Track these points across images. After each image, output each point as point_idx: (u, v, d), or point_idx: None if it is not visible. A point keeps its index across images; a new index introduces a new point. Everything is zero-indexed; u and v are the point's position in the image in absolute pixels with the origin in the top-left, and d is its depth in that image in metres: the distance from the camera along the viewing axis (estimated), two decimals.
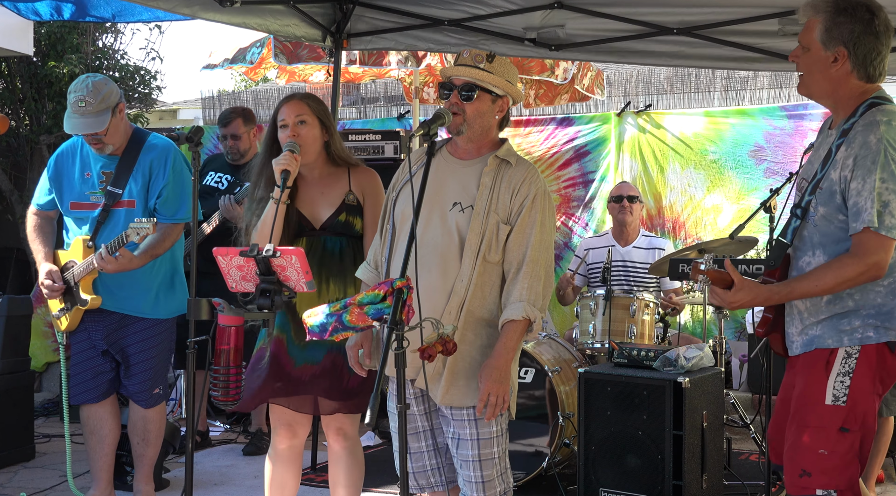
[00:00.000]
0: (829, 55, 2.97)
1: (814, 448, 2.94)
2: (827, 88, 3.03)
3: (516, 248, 3.14)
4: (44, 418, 6.60)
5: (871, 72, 2.98)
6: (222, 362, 3.27)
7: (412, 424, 3.24)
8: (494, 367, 3.06)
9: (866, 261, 2.85)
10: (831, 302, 2.96)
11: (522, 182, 3.18)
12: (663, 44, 5.49)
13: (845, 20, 2.94)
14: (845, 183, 2.90)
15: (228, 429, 6.43)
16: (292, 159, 3.52)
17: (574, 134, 8.12)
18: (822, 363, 2.96)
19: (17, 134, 9.01)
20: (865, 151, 2.86)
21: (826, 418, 2.93)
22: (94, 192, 4.39)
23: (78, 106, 4.23)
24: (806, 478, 2.95)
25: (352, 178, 3.74)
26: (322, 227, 3.68)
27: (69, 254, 4.40)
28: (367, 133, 6.62)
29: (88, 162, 4.42)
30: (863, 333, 2.92)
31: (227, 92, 10.34)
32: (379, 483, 5.13)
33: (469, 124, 3.20)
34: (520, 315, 3.08)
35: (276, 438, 3.75)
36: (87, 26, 8.90)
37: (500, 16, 5.40)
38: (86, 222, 4.39)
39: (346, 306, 2.76)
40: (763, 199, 5.10)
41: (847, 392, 2.91)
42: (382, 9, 5.61)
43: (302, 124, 3.65)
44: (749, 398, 6.67)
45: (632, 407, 4.40)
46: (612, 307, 5.38)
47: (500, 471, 3.19)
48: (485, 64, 3.19)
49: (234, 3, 4.84)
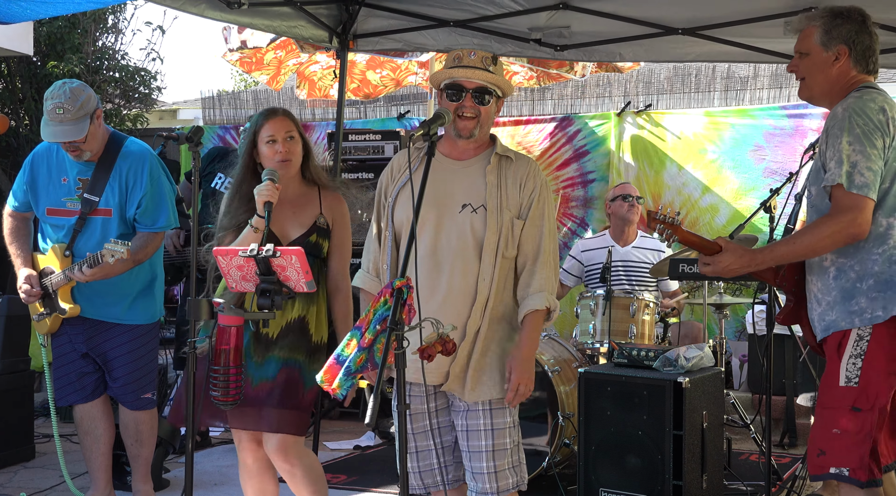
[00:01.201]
0: (830, 55, 3.17)
1: (828, 428, 3.08)
2: (825, 87, 3.22)
3: (530, 240, 3.22)
4: (44, 418, 6.59)
5: (870, 66, 3.20)
6: (222, 362, 3.26)
7: (420, 423, 3.25)
8: (524, 358, 3.15)
9: (839, 219, 3.00)
10: (837, 276, 3.09)
11: (527, 176, 3.25)
12: (668, 43, 5.50)
13: (842, 22, 3.17)
14: (823, 156, 3.09)
15: (228, 429, 6.42)
16: (274, 190, 3.47)
17: (573, 133, 8.12)
18: (835, 347, 3.10)
19: (17, 134, 9.02)
20: (833, 121, 3.07)
21: (839, 399, 3.06)
22: (70, 199, 4.33)
23: (56, 113, 4.11)
24: (822, 457, 3.08)
25: (322, 201, 3.71)
26: (290, 244, 3.61)
27: (47, 260, 4.37)
28: (367, 133, 6.62)
29: (64, 167, 4.35)
30: (872, 313, 3.03)
31: (227, 92, 10.34)
32: (379, 483, 5.13)
33: (482, 127, 3.25)
34: (543, 305, 3.16)
35: (242, 454, 3.70)
36: (88, 26, 8.91)
37: (505, 16, 5.41)
38: (62, 229, 4.34)
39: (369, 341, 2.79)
40: (763, 199, 5.10)
41: (859, 373, 3.03)
42: (388, 9, 5.61)
43: (291, 140, 3.64)
44: (749, 398, 6.66)
45: (632, 407, 4.40)
46: (612, 307, 5.38)
47: (513, 462, 3.21)
48: (492, 66, 3.25)
49: (241, 4, 4.85)
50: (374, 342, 2.80)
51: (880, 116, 3.02)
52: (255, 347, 3.57)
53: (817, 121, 7.25)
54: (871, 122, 3.01)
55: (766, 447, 4.41)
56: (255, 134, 3.65)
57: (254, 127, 3.66)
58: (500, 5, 5.30)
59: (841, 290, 3.08)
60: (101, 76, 9.09)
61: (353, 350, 2.83)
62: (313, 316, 3.63)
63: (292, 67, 7.64)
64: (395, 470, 3.35)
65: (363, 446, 6.03)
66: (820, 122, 7.21)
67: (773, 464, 4.77)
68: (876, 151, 2.99)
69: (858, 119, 3.01)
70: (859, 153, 2.99)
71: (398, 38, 5.84)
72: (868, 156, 2.98)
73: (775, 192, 5.07)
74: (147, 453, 4.55)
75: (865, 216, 2.99)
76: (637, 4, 5.16)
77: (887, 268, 3.04)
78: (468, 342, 3.18)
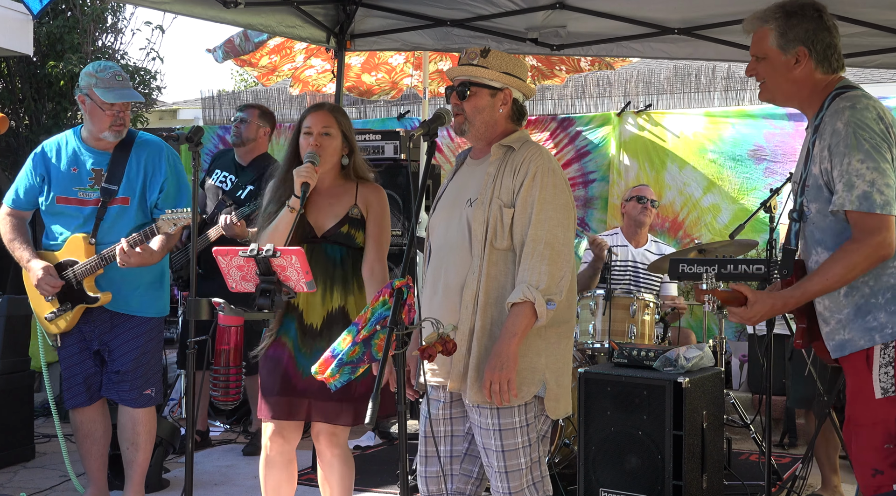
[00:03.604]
0: (789, 58, 3.01)
1: (878, 445, 2.91)
2: (790, 90, 3.06)
3: (519, 228, 3.06)
4: (44, 418, 6.59)
5: (834, 65, 3.03)
6: (222, 362, 3.27)
7: (436, 428, 3.21)
8: (495, 354, 2.98)
9: (869, 243, 2.85)
10: (848, 293, 2.94)
11: (522, 162, 3.10)
12: (664, 43, 5.50)
13: (797, 21, 3.00)
14: (827, 175, 2.93)
15: (228, 429, 6.43)
16: (313, 171, 3.59)
17: (574, 134, 8.12)
18: (862, 361, 2.93)
19: (16, 134, 9.02)
20: (836, 138, 2.90)
21: (880, 412, 2.90)
22: (82, 189, 4.36)
23: (116, 79, 4.31)
24: (879, 476, 2.91)
25: (358, 193, 3.78)
26: (323, 235, 3.72)
27: (64, 253, 4.36)
28: (367, 133, 6.62)
29: (78, 158, 4.39)
30: (893, 328, 2.89)
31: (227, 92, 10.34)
32: (379, 483, 5.13)
33: (470, 122, 3.19)
34: (517, 297, 2.97)
35: (268, 444, 3.74)
36: (87, 26, 8.91)
37: (502, 16, 5.42)
38: (76, 219, 4.35)
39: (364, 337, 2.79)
40: (763, 199, 5.10)
41: (894, 381, 2.89)
42: (385, 9, 5.61)
43: (326, 136, 3.71)
44: (749, 398, 6.66)
45: (632, 407, 4.40)
46: (612, 307, 5.38)
47: (528, 463, 3.09)
48: (479, 59, 3.16)
49: (237, 4, 4.85)
50: (372, 337, 2.81)
51: (880, 125, 2.90)
52: (302, 339, 3.64)
53: None
54: (875, 134, 2.88)
55: (766, 447, 4.41)
56: (298, 128, 3.77)
57: (301, 118, 3.77)
58: (497, 5, 5.30)
59: (854, 307, 2.94)
60: None
61: (347, 344, 2.86)
62: (352, 305, 3.70)
63: (287, 72, 7.65)
64: (394, 470, 3.35)
65: (363, 446, 6.02)
66: None
67: (773, 464, 4.76)
68: (888, 165, 2.87)
69: (864, 133, 2.87)
70: (874, 171, 2.84)
71: (395, 38, 5.85)
72: (883, 172, 2.85)
73: (775, 191, 5.07)
74: (143, 459, 4.48)
75: (893, 235, 2.85)
76: (633, 4, 5.16)
77: None
78: (464, 339, 3.09)
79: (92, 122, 4.36)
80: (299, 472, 3.88)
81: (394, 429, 6.27)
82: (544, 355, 3.10)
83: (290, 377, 3.64)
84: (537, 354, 3.09)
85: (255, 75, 7.74)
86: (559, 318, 3.12)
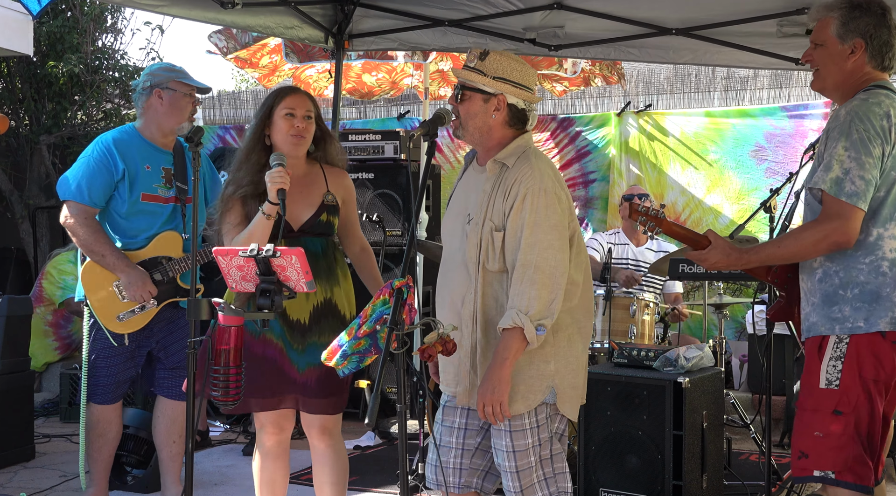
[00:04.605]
0: (846, 48, 3.07)
1: (810, 431, 3.02)
2: (839, 79, 3.12)
3: (509, 252, 3.02)
4: (44, 418, 6.59)
5: (886, 62, 3.09)
6: (222, 362, 3.25)
7: (450, 418, 3.21)
8: (486, 378, 2.98)
9: (824, 227, 2.94)
10: (822, 279, 3.04)
11: (514, 182, 3.03)
12: (662, 44, 5.50)
13: (860, 14, 3.06)
14: (821, 157, 3.02)
15: (228, 429, 6.43)
16: (286, 176, 3.49)
17: (575, 134, 8.12)
18: (816, 348, 3.05)
19: (16, 134, 9.01)
20: (835, 123, 2.98)
21: (820, 401, 3.01)
22: (160, 186, 4.38)
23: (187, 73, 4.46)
24: (804, 459, 3.03)
25: (328, 178, 3.74)
26: (301, 228, 3.64)
27: (158, 249, 4.34)
28: (367, 133, 6.62)
29: (148, 155, 4.37)
30: (853, 323, 2.97)
31: (228, 92, 10.33)
32: (379, 483, 5.13)
33: (464, 126, 3.16)
34: (507, 323, 2.95)
35: (264, 436, 3.75)
36: (87, 26, 8.90)
37: (500, 16, 5.42)
38: (160, 216, 4.35)
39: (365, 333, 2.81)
40: (763, 199, 5.10)
41: (839, 376, 2.97)
42: (383, 9, 5.62)
43: (308, 120, 3.67)
44: (749, 398, 6.66)
45: (632, 407, 4.40)
46: (612, 307, 5.38)
47: (537, 460, 3.08)
48: (476, 62, 3.11)
49: (235, 4, 4.85)
50: (377, 331, 2.82)
51: (884, 122, 2.92)
52: (291, 336, 3.62)
53: (818, 121, 7.26)
54: (872, 128, 2.91)
55: (766, 447, 4.41)
56: (271, 107, 3.66)
57: (272, 100, 3.68)
58: (495, 5, 5.30)
59: (823, 294, 3.02)
60: (100, 76, 9.08)
61: (351, 337, 2.88)
62: (339, 296, 3.69)
63: (288, 72, 7.65)
64: (395, 470, 3.35)
65: (363, 446, 6.02)
66: (821, 122, 7.21)
67: (773, 464, 4.76)
68: (872, 160, 2.90)
69: (860, 124, 2.92)
70: (854, 160, 2.89)
71: (393, 38, 5.85)
72: (863, 164, 2.89)
73: (775, 192, 5.07)
74: (181, 450, 4.51)
75: (852, 225, 2.90)
76: (630, 4, 5.16)
77: (874, 278, 2.96)
78: (468, 355, 3.10)
79: (170, 115, 4.37)
80: (300, 472, 3.88)
81: (394, 429, 6.27)
82: (553, 361, 3.08)
83: (286, 372, 3.63)
84: (545, 361, 3.07)
85: (255, 76, 7.75)
86: (568, 322, 3.11)
